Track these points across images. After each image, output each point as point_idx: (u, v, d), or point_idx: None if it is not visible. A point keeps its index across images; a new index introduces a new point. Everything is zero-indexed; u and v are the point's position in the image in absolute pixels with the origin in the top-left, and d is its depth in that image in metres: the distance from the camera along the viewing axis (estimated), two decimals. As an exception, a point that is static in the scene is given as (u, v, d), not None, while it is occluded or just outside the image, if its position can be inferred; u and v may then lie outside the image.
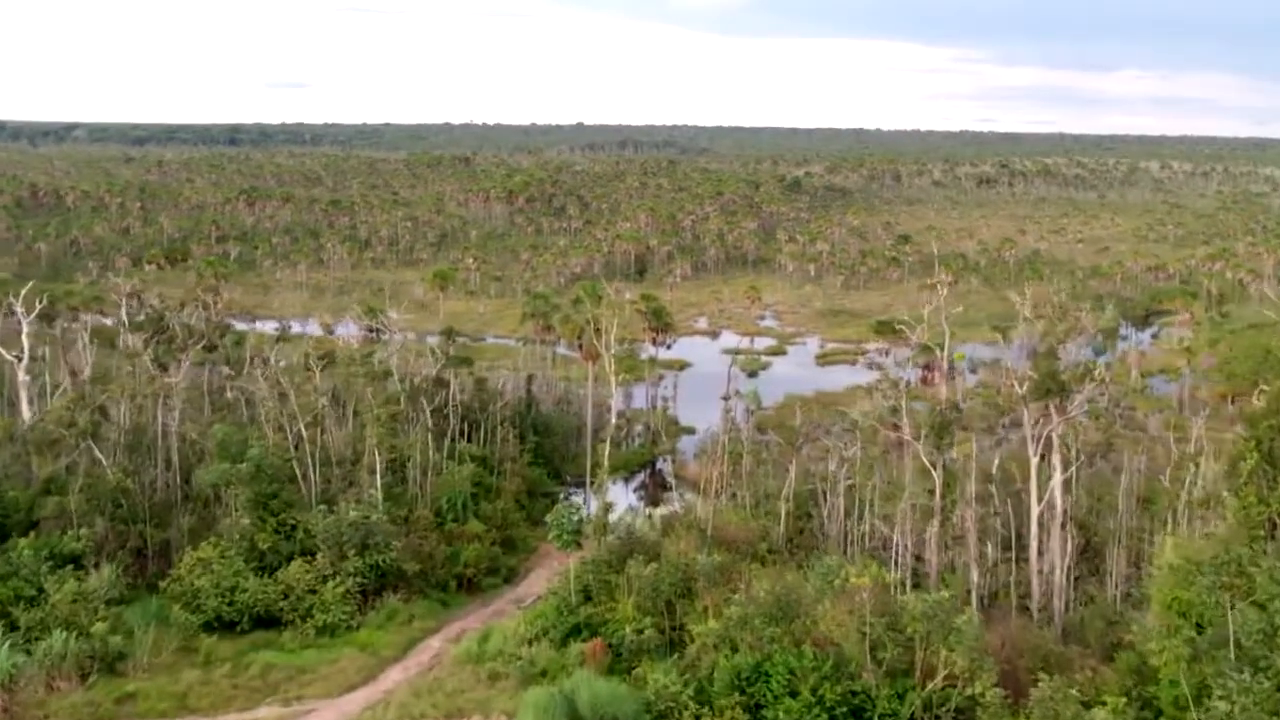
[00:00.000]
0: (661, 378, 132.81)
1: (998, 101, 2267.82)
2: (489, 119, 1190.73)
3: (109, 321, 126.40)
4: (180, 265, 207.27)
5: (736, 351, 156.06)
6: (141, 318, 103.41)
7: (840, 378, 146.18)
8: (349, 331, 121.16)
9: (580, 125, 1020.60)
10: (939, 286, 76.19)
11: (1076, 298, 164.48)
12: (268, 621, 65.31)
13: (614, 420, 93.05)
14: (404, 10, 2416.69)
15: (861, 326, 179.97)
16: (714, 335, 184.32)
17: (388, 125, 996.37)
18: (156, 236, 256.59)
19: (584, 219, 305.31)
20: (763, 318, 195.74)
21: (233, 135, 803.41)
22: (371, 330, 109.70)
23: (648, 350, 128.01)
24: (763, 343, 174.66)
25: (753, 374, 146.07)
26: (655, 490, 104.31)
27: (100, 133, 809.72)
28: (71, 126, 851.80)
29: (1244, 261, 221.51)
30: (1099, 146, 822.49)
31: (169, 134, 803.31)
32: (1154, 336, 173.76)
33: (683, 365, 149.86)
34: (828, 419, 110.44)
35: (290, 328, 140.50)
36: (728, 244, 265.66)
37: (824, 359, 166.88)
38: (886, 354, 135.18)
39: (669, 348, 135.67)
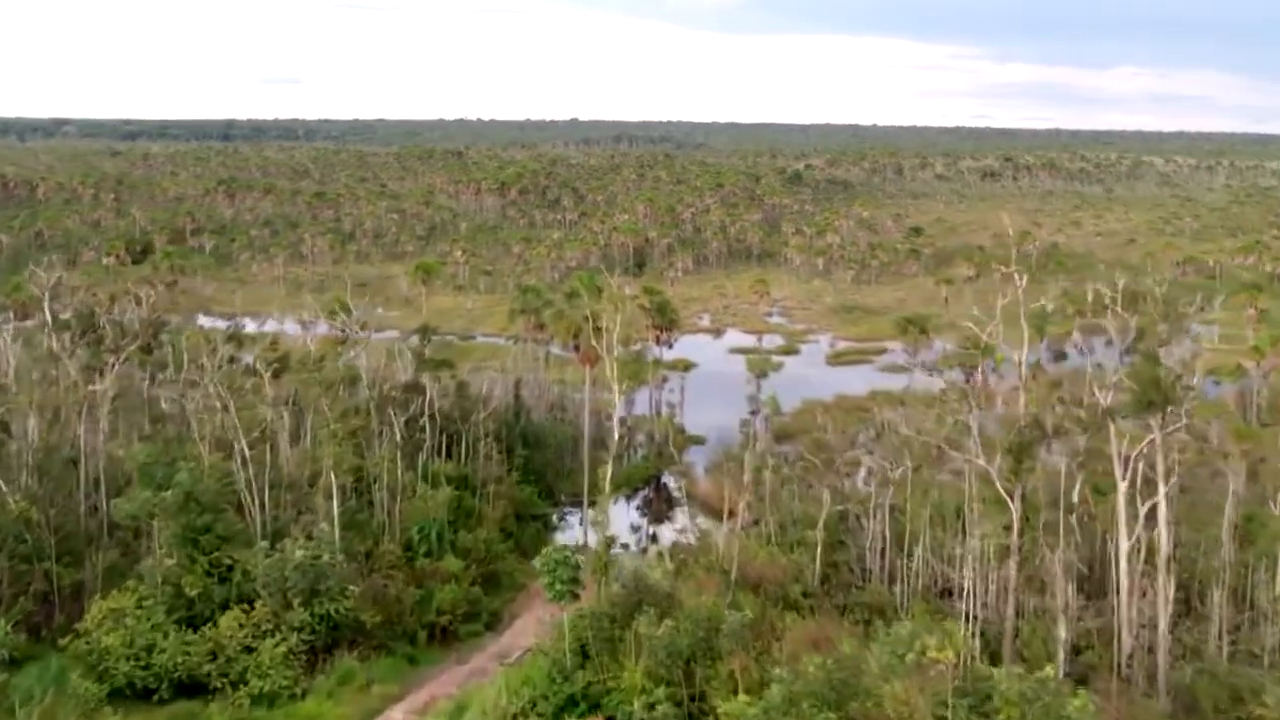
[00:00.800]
0: (665, 380, 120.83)
1: (994, 99, 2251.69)
2: (483, 115, 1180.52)
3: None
4: (149, 259, 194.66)
5: (746, 351, 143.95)
6: (68, 315, 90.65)
7: (857, 379, 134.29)
8: (319, 331, 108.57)
9: (575, 121, 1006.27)
10: (1016, 277, 63.84)
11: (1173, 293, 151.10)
12: (193, 688, 53.38)
13: (617, 433, 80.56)
14: (399, 6, 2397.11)
15: (877, 323, 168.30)
16: (717, 333, 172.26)
17: (381, 121, 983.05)
18: (128, 229, 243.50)
19: (579, 211, 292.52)
20: (770, 314, 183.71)
21: (226, 131, 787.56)
22: (342, 329, 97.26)
23: (651, 350, 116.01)
24: (770, 341, 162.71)
25: (763, 375, 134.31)
26: (661, 509, 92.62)
27: (92, 128, 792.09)
28: (62, 122, 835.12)
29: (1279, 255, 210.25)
30: (1097, 142, 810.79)
31: (161, 130, 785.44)
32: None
33: (687, 366, 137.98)
34: (853, 427, 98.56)
35: (244, 325, 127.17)
36: (730, 237, 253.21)
37: (837, 358, 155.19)
38: (914, 354, 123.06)
39: (671, 347, 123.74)
